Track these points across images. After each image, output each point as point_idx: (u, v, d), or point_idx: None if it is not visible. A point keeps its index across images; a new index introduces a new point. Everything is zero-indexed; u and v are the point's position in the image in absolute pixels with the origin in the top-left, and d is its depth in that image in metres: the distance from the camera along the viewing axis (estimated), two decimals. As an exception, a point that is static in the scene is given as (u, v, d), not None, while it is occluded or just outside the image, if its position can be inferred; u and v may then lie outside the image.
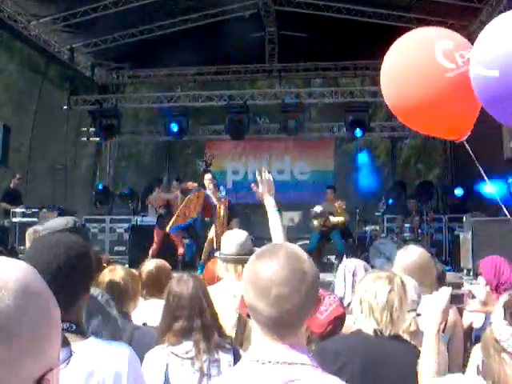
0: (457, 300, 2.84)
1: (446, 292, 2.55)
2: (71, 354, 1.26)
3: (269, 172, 3.51)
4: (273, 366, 1.60)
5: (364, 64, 17.63)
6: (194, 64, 17.79)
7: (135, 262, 9.78)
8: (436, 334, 2.49)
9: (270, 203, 3.27)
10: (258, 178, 3.41)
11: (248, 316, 1.72)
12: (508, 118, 2.96)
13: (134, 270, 3.96)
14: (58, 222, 2.85)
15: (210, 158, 12.99)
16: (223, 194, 10.93)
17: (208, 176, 10.86)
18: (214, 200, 10.59)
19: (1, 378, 0.86)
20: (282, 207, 3.28)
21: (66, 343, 1.61)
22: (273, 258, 1.64)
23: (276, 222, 3.14)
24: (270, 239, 2.99)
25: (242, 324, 3.42)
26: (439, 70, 3.69)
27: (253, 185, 3.45)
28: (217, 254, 4.17)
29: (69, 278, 1.82)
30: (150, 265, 4.27)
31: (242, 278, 1.73)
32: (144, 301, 4.05)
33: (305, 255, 1.69)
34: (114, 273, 3.59)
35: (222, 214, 10.50)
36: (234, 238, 4.07)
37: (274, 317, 1.59)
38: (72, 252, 1.88)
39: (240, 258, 3.85)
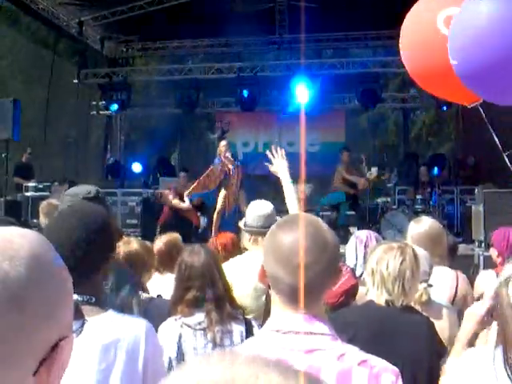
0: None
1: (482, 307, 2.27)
2: (84, 323, 1.28)
3: (280, 147, 3.50)
4: (293, 336, 1.62)
5: (375, 34, 17.43)
6: (203, 36, 17.66)
7: (148, 234, 9.86)
8: (464, 346, 2.24)
9: (284, 177, 3.28)
10: (270, 155, 3.41)
11: (269, 286, 1.74)
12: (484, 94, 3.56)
13: (147, 243, 4.00)
14: (80, 189, 2.84)
15: (226, 124, 12.78)
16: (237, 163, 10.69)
17: (223, 143, 10.67)
18: (231, 167, 10.37)
19: (15, 344, 0.87)
20: (293, 179, 3.29)
21: (79, 315, 1.63)
22: (294, 227, 1.65)
23: (291, 195, 3.16)
24: (281, 211, 3.00)
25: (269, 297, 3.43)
26: (441, 37, 3.92)
27: (268, 152, 3.45)
28: (241, 224, 4.11)
29: (89, 249, 1.82)
30: (162, 240, 4.31)
31: (263, 248, 1.74)
32: (160, 275, 4.09)
33: (325, 226, 1.71)
34: (129, 245, 3.65)
35: (234, 182, 10.38)
36: (261, 210, 4.02)
37: (294, 285, 1.60)
38: (94, 222, 1.88)
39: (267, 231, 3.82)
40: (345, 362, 1.60)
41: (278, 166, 3.36)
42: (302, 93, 15.90)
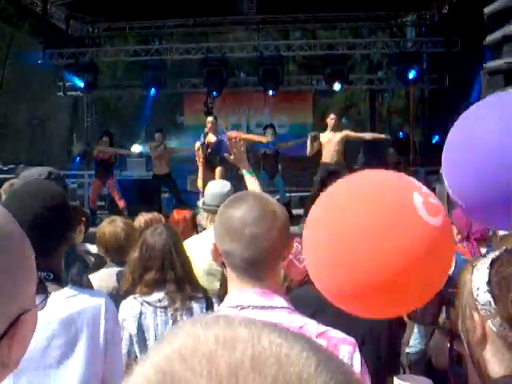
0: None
1: None
2: (47, 297, 1.28)
3: (240, 141, 3.55)
4: (251, 311, 1.64)
5: (344, 16, 17.46)
6: (171, 16, 17.48)
7: (115, 215, 9.82)
8: None
9: (244, 168, 3.33)
10: (230, 147, 3.45)
11: (222, 264, 1.75)
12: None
13: (130, 221, 4.10)
14: (33, 172, 2.84)
15: (211, 100, 12.65)
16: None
17: (209, 119, 10.56)
18: (213, 141, 10.24)
19: None
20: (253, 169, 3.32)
21: (43, 290, 1.64)
22: (242, 202, 1.69)
23: (254, 184, 3.20)
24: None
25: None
26: None
27: (228, 143, 3.48)
28: (200, 203, 4.13)
29: (45, 226, 1.82)
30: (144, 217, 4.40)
31: (214, 226, 1.76)
32: None
33: (272, 198, 1.76)
34: (114, 224, 3.76)
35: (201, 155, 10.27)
36: (219, 189, 4.03)
37: (249, 257, 1.63)
38: (48, 201, 1.87)
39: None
40: None
41: (238, 158, 3.40)
42: (268, 74, 15.88)
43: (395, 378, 1.38)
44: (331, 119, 11.13)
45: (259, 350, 0.48)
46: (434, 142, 15.83)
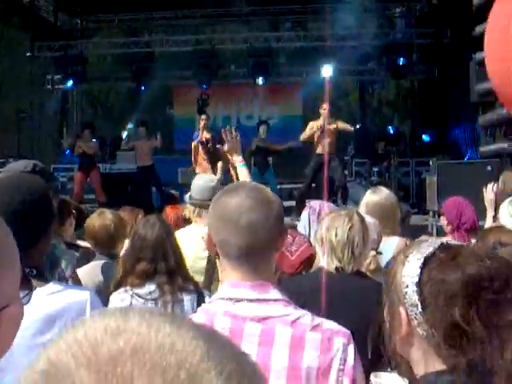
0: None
1: None
2: (31, 291, 1.25)
3: (235, 130, 3.55)
4: (246, 304, 1.63)
5: (334, 7, 17.41)
6: (160, 8, 17.38)
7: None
8: None
9: (237, 160, 3.33)
10: (224, 136, 3.44)
11: (216, 254, 1.75)
12: None
13: (119, 213, 4.12)
14: (17, 165, 2.81)
15: (205, 95, 12.74)
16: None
17: (202, 117, 11.03)
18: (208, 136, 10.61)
19: None
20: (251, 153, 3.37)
21: (27, 286, 1.62)
22: (238, 191, 1.69)
23: (246, 177, 3.22)
24: None
25: (211, 263, 3.46)
26: None
27: (223, 133, 3.49)
28: (187, 197, 4.12)
29: (26, 220, 1.78)
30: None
31: (209, 215, 1.76)
32: None
33: (267, 188, 1.77)
34: (103, 216, 3.77)
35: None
36: (205, 183, 4.03)
37: (243, 246, 1.62)
38: (30, 194, 1.84)
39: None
40: (297, 328, 1.63)
41: (232, 147, 3.40)
42: (260, 66, 15.86)
43: (371, 375, 1.37)
44: (324, 109, 11.08)
45: (143, 339, 0.48)
46: (423, 134, 15.87)
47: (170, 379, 0.46)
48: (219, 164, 10.33)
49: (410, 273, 1.32)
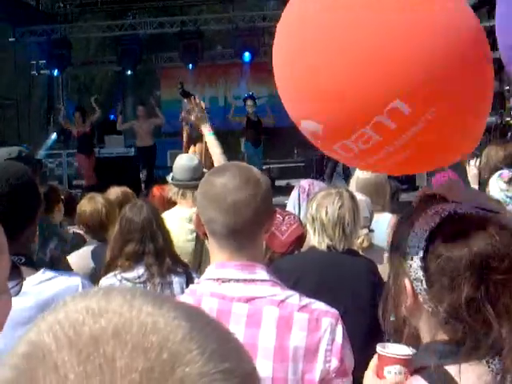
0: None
1: None
2: (21, 281, 1.24)
3: (199, 99, 3.55)
4: (233, 285, 1.64)
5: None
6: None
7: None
8: None
9: (205, 129, 3.32)
10: (190, 106, 3.43)
11: (204, 235, 1.75)
12: None
13: (109, 197, 4.09)
14: (1, 152, 2.79)
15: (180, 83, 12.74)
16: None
17: (186, 100, 10.81)
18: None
19: None
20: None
21: (17, 276, 1.60)
22: (225, 171, 1.69)
23: (215, 146, 3.19)
24: None
25: (200, 243, 3.46)
26: None
27: (183, 112, 3.49)
28: (168, 178, 4.11)
29: (11, 207, 1.77)
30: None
31: (197, 195, 1.75)
32: None
33: (254, 168, 1.76)
34: (95, 201, 3.75)
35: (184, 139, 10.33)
36: (187, 163, 4.02)
37: (231, 224, 1.62)
38: (14, 181, 1.82)
39: (195, 184, 3.84)
40: (285, 308, 1.64)
41: (198, 117, 3.39)
42: (246, 46, 15.77)
43: (377, 346, 1.36)
44: None
45: (125, 319, 0.48)
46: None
47: (152, 359, 0.46)
48: (197, 145, 10.28)
49: (414, 244, 1.28)
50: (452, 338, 1.25)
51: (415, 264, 1.27)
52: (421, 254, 1.26)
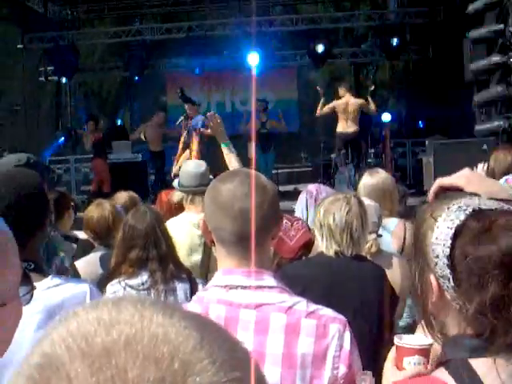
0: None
1: None
2: (32, 289, 1.25)
3: (215, 113, 3.60)
4: (241, 292, 1.63)
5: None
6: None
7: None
8: None
9: (221, 140, 3.36)
10: (206, 121, 3.48)
11: (212, 242, 1.74)
12: None
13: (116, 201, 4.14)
14: (11, 159, 2.80)
15: (179, 89, 12.77)
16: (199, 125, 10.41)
17: (186, 106, 11.13)
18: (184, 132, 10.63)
19: None
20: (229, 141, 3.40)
21: (28, 282, 1.61)
22: (232, 178, 1.69)
23: (231, 155, 3.22)
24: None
25: (207, 250, 3.47)
26: None
27: (205, 118, 3.54)
28: (175, 184, 4.11)
29: (20, 214, 1.77)
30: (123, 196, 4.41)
31: (204, 202, 1.75)
32: None
33: (261, 174, 1.76)
34: (102, 207, 3.76)
35: (194, 148, 10.17)
36: (194, 169, 4.01)
37: (239, 232, 1.62)
38: (23, 188, 1.83)
39: (203, 190, 3.83)
40: (293, 315, 1.63)
41: (215, 130, 3.43)
42: (252, 52, 15.77)
43: (395, 338, 1.37)
44: (341, 89, 11.71)
45: (136, 330, 0.48)
46: (419, 115, 15.84)
47: (163, 369, 0.46)
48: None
49: (440, 241, 1.25)
50: (480, 333, 1.23)
51: (441, 262, 1.25)
52: (447, 251, 1.24)
